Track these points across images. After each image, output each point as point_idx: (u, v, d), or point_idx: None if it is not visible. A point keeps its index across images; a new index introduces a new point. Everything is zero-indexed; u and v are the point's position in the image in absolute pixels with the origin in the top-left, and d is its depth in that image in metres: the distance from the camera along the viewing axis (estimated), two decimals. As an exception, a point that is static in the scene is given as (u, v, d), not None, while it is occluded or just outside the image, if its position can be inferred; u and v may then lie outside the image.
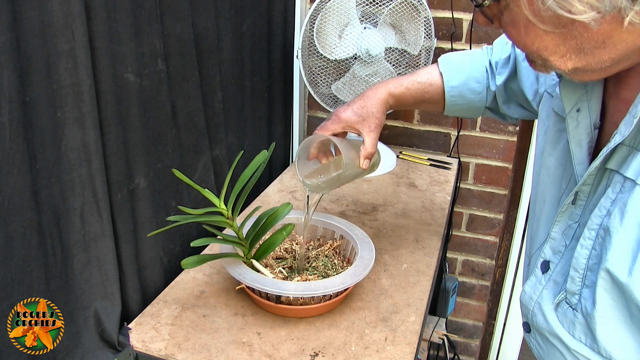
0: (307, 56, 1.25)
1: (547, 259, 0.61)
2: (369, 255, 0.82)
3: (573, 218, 0.58)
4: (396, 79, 0.83)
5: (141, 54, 0.75)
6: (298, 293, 0.73)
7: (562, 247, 0.59)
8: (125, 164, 0.75)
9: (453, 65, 0.82)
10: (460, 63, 0.82)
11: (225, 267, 0.78)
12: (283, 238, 0.82)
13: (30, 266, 0.61)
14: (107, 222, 0.71)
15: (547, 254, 0.61)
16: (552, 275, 0.60)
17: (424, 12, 1.21)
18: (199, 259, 0.75)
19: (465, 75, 0.81)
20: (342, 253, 0.90)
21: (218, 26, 0.98)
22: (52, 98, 0.60)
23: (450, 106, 0.83)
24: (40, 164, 0.60)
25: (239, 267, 0.78)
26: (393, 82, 0.82)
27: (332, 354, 0.72)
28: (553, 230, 0.60)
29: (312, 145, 0.80)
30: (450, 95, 0.82)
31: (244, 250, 0.81)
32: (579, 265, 0.54)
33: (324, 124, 0.82)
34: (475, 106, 0.83)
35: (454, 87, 0.82)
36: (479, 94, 0.81)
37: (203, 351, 0.71)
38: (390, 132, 1.55)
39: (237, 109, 1.12)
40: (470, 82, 0.81)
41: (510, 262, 1.54)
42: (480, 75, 0.81)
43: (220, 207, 0.77)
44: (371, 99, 0.81)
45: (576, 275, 0.54)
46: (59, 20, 0.59)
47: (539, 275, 0.62)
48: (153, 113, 0.80)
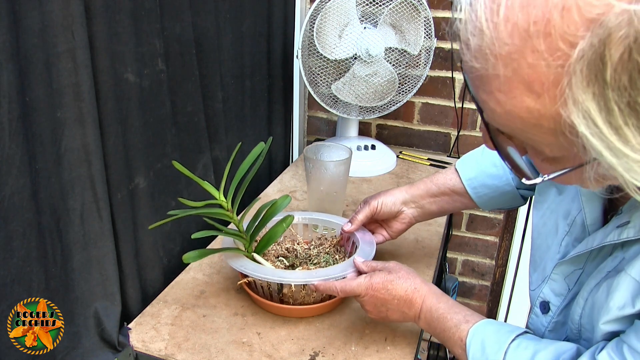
0: (307, 56, 1.25)
1: (547, 299, 0.60)
2: (370, 247, 0.82)
3: (577, 265, 0.57)
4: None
5: (141, 54, 0.75)
6: (300, 280, 0.73)
7: (565, 291, 0.58)
8: (125, 164, 0.75)
9: (466, 160, 0.83)
10: (472, 155, 0.83)
11: (226, 260, 0.78)
12: (283, 230, 0.82)
13: (30, 266, 0.61)
14: (107, 222, 0.71)
15: (546, 294, 0.60)
16: (554, 318, 0.60)
17: (424, 12, 1.21)
18: (200, 253, 0.75)
19: (480, 164, 0.81)
20: (342, 251, 0.89)
21: (218, 26, 0.98)
22: (52, 98, 0.60)
23: (478, 199, 0.82)
24: (40, 164, 0.60)
25: (240, 260, 0.78)
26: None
27: (332, 354, 0.72)
28: (554, 272, 0.59)
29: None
30: (472, 188, 0.81)
31: (244, 243, 0.81)
32: (574, 321, 0.54)
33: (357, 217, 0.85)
34: (504, 191, 0.80)
35: (471, 179, 0.81)
36: (501, 178, 0.79)
37: (203, 351, 0.71)
38: (390, 132, 1.55)
39: (237, 109, 1.12)
40: (488, 168, 0.80)
41: (510, 262, 1.54)
42: (495, 158, 0.79)
43: (220, 199, 0.76)
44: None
45: (574, 327, 0.55)
46: (59, 20, 0.59)
47: (540, 315, 0.62)
48: (153, 113, 0.80)
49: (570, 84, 0.33)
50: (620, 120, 0.32)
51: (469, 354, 0.60)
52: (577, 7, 0.31)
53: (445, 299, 0.66)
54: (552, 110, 0.35)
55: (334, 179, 0.99)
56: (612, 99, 0.32)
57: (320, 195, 1.00)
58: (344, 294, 0.71)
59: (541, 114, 0.36)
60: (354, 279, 0.71)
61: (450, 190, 0.83)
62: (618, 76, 0.31)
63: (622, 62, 0.30)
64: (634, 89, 0.31)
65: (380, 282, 0.68)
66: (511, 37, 0.34)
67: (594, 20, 0.31)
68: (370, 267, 0.73)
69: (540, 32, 0.33)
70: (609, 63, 0.31)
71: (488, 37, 0.35)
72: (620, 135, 0.33)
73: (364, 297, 0.69)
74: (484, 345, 0.59)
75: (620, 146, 0.33)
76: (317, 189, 1.00)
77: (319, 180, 0.99)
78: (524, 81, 0.35)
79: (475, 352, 0.59)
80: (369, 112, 1.35)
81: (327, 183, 0.99)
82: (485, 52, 0.36)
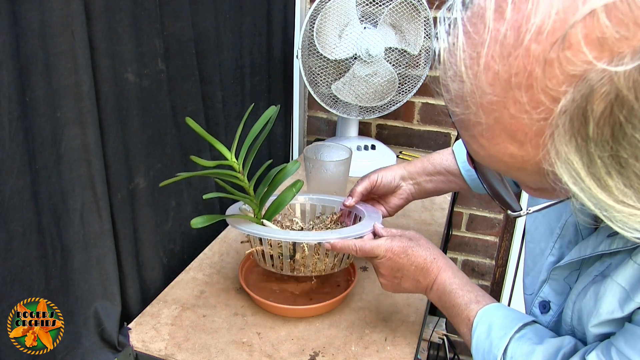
0: (307, 56, 1.25)
1: (547, 299, 0.60)
2: (376, 214, 0.81)
3: (573, 267, 0.57)
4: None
5: (141, 54, 0.75)
6: (316, 239, 0.72)
7: (567, 290, 0.58)
8: (125, 164, 0.75)
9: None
10: None
11: (235, 225, 0.75)
12: (293, 194, 0.80)
13: (30, 266, 0.61)
14: (107, 222, 0.71)
15: (547, 294, 0.60)
16: (554, 317, 0.60)
17: (424, 12, 1.21)
18: (208, 218, 0.73)
19: None
20: (344, 226, 0.88)
21: (218, 26, 0.98)
22: (52, 98, 0.60)
23: (472, 182, 0.82)
24: (40, 164, 0.60)
25: (251, 225, 0.76)
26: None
27: (332, 354, 0.72)
28: (553, 273, 0.59)
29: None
30: (466, 170, 0.82)
31: (254, 208, 0.79)
32: (566, 322, 0.55)
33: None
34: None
35: (465, 161, 0.81)
36: None
37: (203, 351, 0.71)
38: (390, 132, 1.55)
39: (237, 109, 1.12)
40: None
41: (510, 262, 1.54)
42: None
43: (231, 161, 0.74)
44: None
45: (567, 328, 0.55)
46: (59, 20, 0.59)
47: (539, 315, 0.62)
48: (153, 113, 0.80)
49: (552, 136, 0.32)
50: (603, 171, 0.32)
51: (474, 335, 0.60)
52: (558, 62, 0.31)
53: (461, 274, 0.66)
54: (535, 157, 0.35)
55: (334, 179, 0.99)
56: (594, 152, 0.31)
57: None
58: (363, 253, 0.69)
59: (525, 160, 0.35)
60: (373, 239, 0.70)
61: (446, 171, 0.84)
62: (600, 130, 0.31)
63: (604, 117, 0.30)
64: (616, 142, 0.31)
65: (401, 246, 0.67)
66: (492, 86, 0.34)
67: (576, 77, 0.30)
68: (390, 232, 0.72)
69: (522, 84, 0.32)
70: (592, 118, 0.30)
71: (468, 86, 0.35)
72: (603, 187, 0.32)
73: (381, 260, 0.68)
74: (490, 329, 0.59)
75: (603, 197, 0.33)
76: (317, 189, 1.00)
77: (319, 180, 0.99)
78: (507, 130, 0.34)
79: (481, 334, 0.59)
80: (369, 112, 1.35)
81: (327, 183, 0.99)
82: (465, 99, 0.35)
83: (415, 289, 0.69)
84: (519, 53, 0.32)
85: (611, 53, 0.29)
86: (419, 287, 0.68)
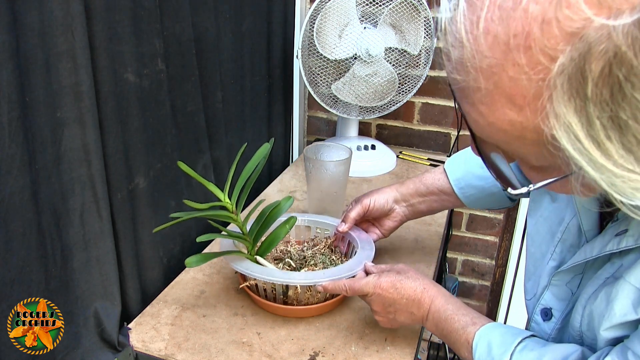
0: (307, 56, 1.25)
1: (549, 306, 0.60)
2: (369, 245, 0.82)
3: (576, 271, 0.56)
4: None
5: (141, 54, 0.75)
6: (308, 281, 0.73)
7: (568, 295, 0.58)
8: (125, 164, 0.75)
9: (454, 160, 0.84)
10: (461, 156, 0.83)
11: (231, 264, 0.77)
12: (286, 231, 0.82)
13: (30, 266, 0.61)
14: (107, 222, 0.71)
15: (548, 300, 0.60)
16: (558, 324, 0.60)
17: (424, 12, 1.21)
18: (203, 257, 0.75)
19: (468, 164, 0.81)
20: (337, 251, 0.89)
21: (218, 26, 0.98)
22: (51, 98, 0.60)
23: (466, 199, 0.83)
24: (40, 164, 0.60)
25: (244, 263, 0.77)
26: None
27: (332, 354, 0.72)
28: (554, 279, 0.59)
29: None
30: (459, 188, 0.82)
31: (247, 245, 0.81)
32: (574, 328, 0.54)
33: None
34: (491, 192, 0.80)
35: (458, 179, 0.82)
36: (487, 179, 0.79)
37: (203, 351, 0.71)
38: (390, 132, 1.55)
39: (237, 109, 1.12)
40: (475, 169, 0.80)
41: (510, 262, 1.54)
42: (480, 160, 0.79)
43: (224, 202, 0.76)
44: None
45: (574, 334, 0.55)
46: (59, 20, 0.59)
47: (541, 323, 0.61)
48: (153, 113, 0.80)
49: (551, 98, 0.32)
50: (602, 134, 0.32)
51: (475, 356, 0.59)
52: (556, 20, 0.31)
53: (453, 300, 0.66)
54: (534, 123, 0.35)
55: (334, 179, 0.99)
56: (593, 113, 0.31)
57: (320, 195, 1.00)
58: (352, 292, 0.71)
59: (524, 126, 0.35)
60: (362, 277, 0.71)
61: (439, 190, 0.84)
62: (599, 91, 0.30)
63: (603, 77, 0.30)
64: (616, 103, 0.30)
65: (389, 281, 0.68)
66: (491, 50, 0.34)
67: (574, 34, 0.30)
68: (379, 268, 0.73)
69: (521, 45, 0.32)
70: (590, 77, 0.30)
71: (468, 50, 0.35)
72: (602, 150, 0.32)
73: (371, 296, 0.69)
74: (490, 347, 0.58)
75: (602, 161, 0.32)
76: (317, 189, 1.00)
77: (319, 180, 0.99)
78: (506, 94, 0.35)
79: (482, 354, 0.59)
80: (369, 112, 1.35)
81: (327, 183, 0.99)
82: (466, 65, 0.36)
83: (412, 321, 0.69)
84: (518, 14, 0.32)
85: (610, 10, 0.29)
86: (415, 318, 0.68)
